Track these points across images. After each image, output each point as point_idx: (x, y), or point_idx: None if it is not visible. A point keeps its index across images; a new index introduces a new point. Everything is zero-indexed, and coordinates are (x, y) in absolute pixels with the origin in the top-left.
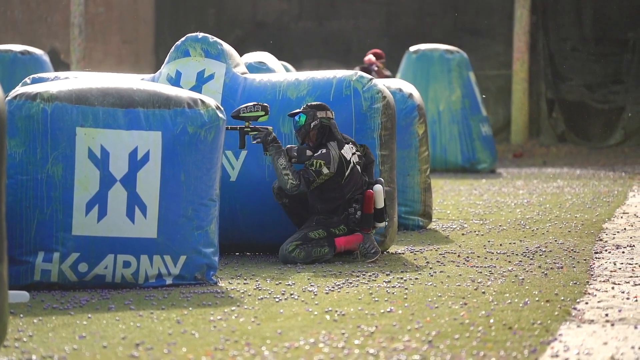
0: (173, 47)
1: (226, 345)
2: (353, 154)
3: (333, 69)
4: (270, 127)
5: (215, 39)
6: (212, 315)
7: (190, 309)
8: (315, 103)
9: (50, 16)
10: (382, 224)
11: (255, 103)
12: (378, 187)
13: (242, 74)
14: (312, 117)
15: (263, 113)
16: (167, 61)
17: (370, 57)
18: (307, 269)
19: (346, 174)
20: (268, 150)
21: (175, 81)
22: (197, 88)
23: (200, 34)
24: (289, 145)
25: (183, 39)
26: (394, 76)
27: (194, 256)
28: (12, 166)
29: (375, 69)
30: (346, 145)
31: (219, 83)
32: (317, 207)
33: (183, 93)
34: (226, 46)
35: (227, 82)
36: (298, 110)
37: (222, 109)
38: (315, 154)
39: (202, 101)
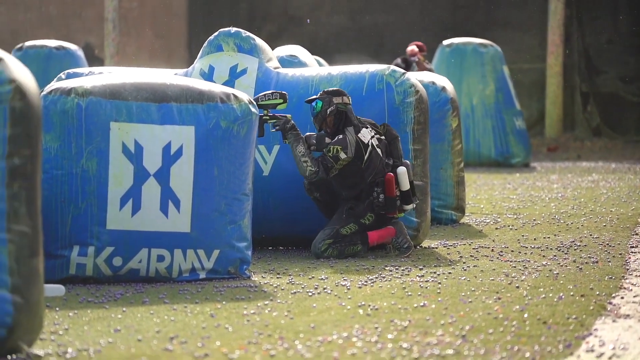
0: (206, 42)
1: (259, 339)
2: (372, 137)
3: (365, 63)
4: (289, 115)
5: (248, 33)
6: (246, 309)
7: (223, 302)
8: (331, 89)
9: (85, 11)
10: (410, 206)
11: (273, 91)
12: (401, 169)
13: (275, 68)
14: (329, 103)
15: (281, 101)
16: (200, 56)
17: (413, 48)
18: (339, 264)
19: (365, 157)
20: (287, 138)
21: (208, 76)
22: (230, 83)
23: (233, 29)
24: (307, 133)
25: (216, 33)
26: (434, 70)
27: (227, 250)
28: (48, 161)
29: (416, 60)
30: (363, 129)
31: (252, 78)
32: (342, 194)
33: (216, 88)
34: (259, 41)
35: (260, 77)
36: (314, 97)
37: (254, 103)
38: (332, 141)
39: (235, 96)
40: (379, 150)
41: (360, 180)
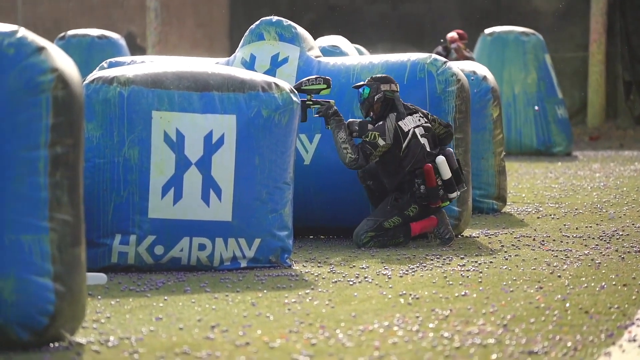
0: (247, 31)
1: (301, 328)
2: (417, 126)
3: (407, 52)
4: (332, 101)
5: (290, 22)
6: (287, 298)
7: (264, 291)
8: (379, 75)
9: (127, 0)
10: (455, 194)
11: (317, 76)
12: (440, 159)
13: (316, 57)
14: (376, 90)
15: (325, 86)
16: (242, 45)
17: (453, 35)
18: (380, 253)
19: (403, 145)
20: (329, 124)
21: (249, 65)
22: (271, 72)
23: (275, 18)
24: (350, 120)
25: (257, 22)
26: (475, 58)
27: (268, 239)
28: (90, 149)
29: (456, 47)
30: (409, 116)
31: (293, 66)
32: (384, 182)
33: (257, 77)
34: (300, 29)
35: (301, 66)
36: (362, 83)
37: (296, 92)
38: (372, 126)
39: (277, 85)
40: (422, 140)
41: (400, 169)
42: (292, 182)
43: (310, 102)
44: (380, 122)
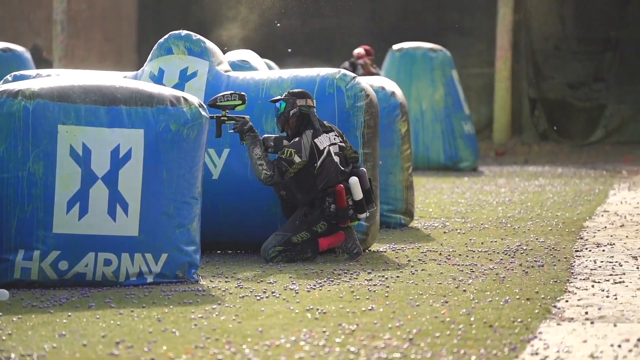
0: (156, 45)
1: (207, 344)
2: (332, 144)
3: (316, 67)
4: (247, 117)
5: (199, 36)
6: (193, 313)
7: (171, 307)
8: (296, 90)
9: (33, 13)
10: (364, 215)
11: (232, 92)
12: (353, 180)
13: (225, 71)
14: (292, 104)
15: (240, 102)
16: (150, 59)
17: (360, 51)
18: (288, 267)
19: (318, 163)
20: (244, 140)
21: (158, 79)
22: (180, 86)
23: (184, 32)
24: (265, 135)
25: (166, 36)
26: (380, 74)
27: (175, 254)
28: None
29: (362, 63)
30: (324, 134)
31: (202, 81)
32: (297, 197)
33: (166, 91)
34: (209, 44)
35: (210, 80)
36: (279, 98)
37: (205, 107)
38: (288, 142)
39: (185, 99)
40: (335, 158)
41: (313, 186)
42: (200, 196)
43: (225, 118)
44: (297, 139)
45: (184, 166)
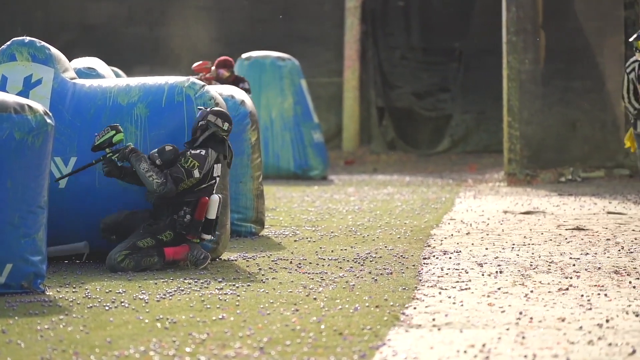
0: None
1: (53, 355)
2: (218, 175)
3: (165, 75)
4: (130, 144)
5: (43, 43)
6: (39, 324)
7: (16, 318)
8: (221, 111)
9: None
10: (208, 237)
11: (105, 127)
12: (215, 197)
13: (72, 79)
14: (203, 117)
15: (114, 132)
16: None
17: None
18: (138, 277)
19: (202, 186)
20: (130, 162)
21: (0, 86)
22: (24, 93)
23: (27, 38)
24: (152, 152)
25: (9, 42)
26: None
27: (20, 264)
28: None
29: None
30: (219, 164)
31: (47, 88)
32: (156, 202)
33: (9, 98)
34: (54, 51)
35: (56, 87)
36: (207, 109)
37: (50, 114)
38: (193, 151)
39: (30, 106)
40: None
41: (178, 197)
42: (46, 205)
43: (111, 153)
44: (203, 152)
45: (29, 175)
